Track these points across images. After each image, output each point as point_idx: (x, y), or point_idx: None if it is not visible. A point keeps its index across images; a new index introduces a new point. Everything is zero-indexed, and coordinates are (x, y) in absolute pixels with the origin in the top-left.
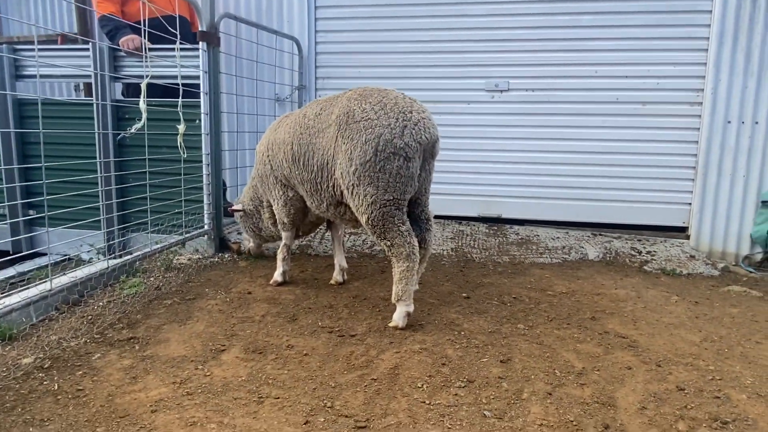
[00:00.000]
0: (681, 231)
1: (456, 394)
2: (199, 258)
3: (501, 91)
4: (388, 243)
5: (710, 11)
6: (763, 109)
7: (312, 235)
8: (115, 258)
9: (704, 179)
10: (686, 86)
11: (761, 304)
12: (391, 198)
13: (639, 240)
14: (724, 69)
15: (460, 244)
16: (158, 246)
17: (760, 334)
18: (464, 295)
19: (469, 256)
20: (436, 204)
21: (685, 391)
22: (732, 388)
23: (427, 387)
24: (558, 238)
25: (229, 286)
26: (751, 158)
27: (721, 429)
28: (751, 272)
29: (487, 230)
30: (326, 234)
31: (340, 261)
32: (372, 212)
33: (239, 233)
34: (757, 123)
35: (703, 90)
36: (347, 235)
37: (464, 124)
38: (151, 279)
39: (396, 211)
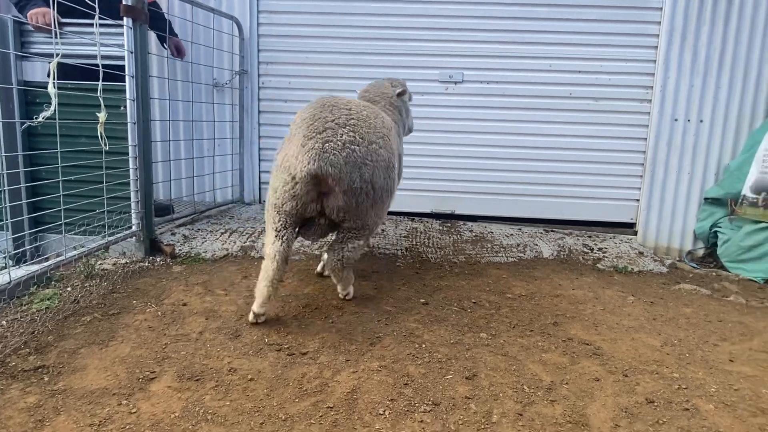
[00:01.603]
0: (629, 227)
1: (422, 421)
2: (127, 263)
3: (455, 82)
4: None
5: (661, 8)
6: (707, 108)
7: (256, 235)
8: (19, 267)
9: (652, 176)
10: (637, 83)
11: (711, 303)
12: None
13: (590, 236)
14: (673, 67)
15: (414, 242)
16: (76, 252)
17: (716, 336)
18: (422, 300)
19: (424, 255)
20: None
21: (655, 404)
22: (699, 397)
23: (389, 413)
24: (512, 235)
25: (160, 297)
26: (696, 156)
27: None
28: (695, 268)
29: (440, 227)
30: None
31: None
32: None
33: (173, 233)
34: (702, 121)
35: (652, 87)
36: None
37: (418, 116)
38: (68, 289)
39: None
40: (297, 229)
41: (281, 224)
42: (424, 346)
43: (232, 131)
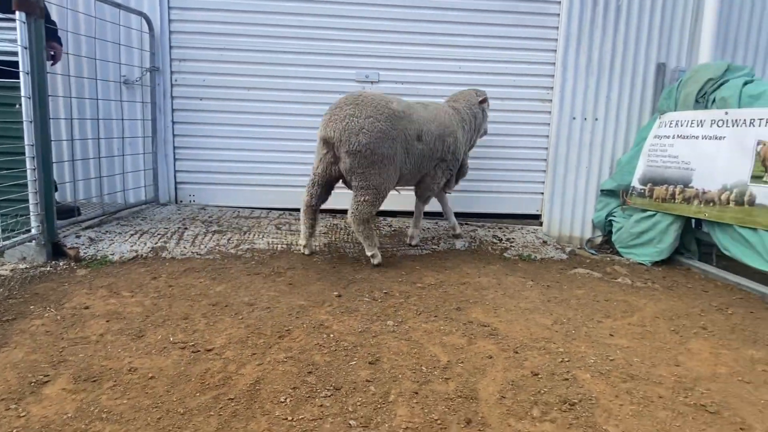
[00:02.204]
0: (535, 218)
1: (321, 405)
2: (26, 268)
3: (372, 82)
4: None
5: (558, 14)
6: (602, 107)
7: (168, 236)
8: None
9: (554, 171)
10: (539, 84)
11: (601, 285)
12: None
13: (500, 228)
14: (570, 69)
15: (333, 239)
16: None
17: (600, 314)
18: (336, 293)
19: (342, 250)
20: None
21: (539, 376)
22: (578, 368)
23: (290, 401)
24: (428, 228)
25: (61, 301)
26: (593, 151)
27: (569, 410)
28: (593, 254)
29: None
30: (184, 235)
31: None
32: None
33: (78, 236)
34: (597, 119)
35: (553, 88)
36: (211, 234)
37: None
38: None
39: None
40: (325, 191)
41: (310, 182)
42: (332, 335)
43: (144, 130)
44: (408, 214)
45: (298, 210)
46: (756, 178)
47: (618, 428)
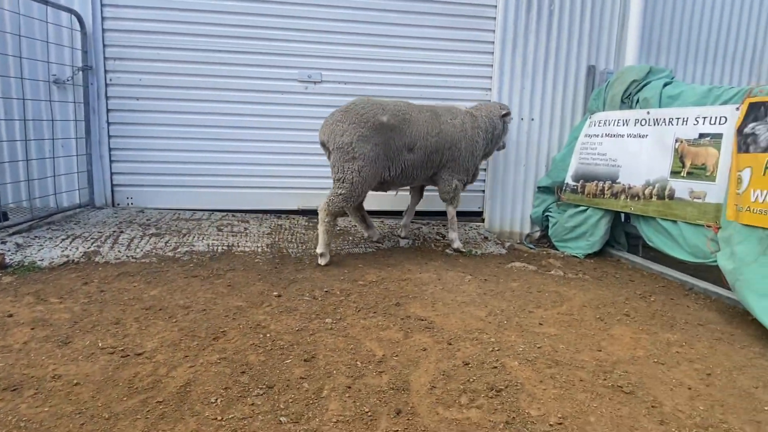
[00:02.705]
0: (478, 215)
1: (253, 404)
2: None
3: (314, 82)
4: None
5: (495, 18)
6: (537, 108)
7: (103, 240)
8: None
9: (494, 169)
10: (478, 85)
11: (536, 277)
12: None
13: (444, 225)
14: (507, 71)
15: (276, 239)
16: None
17: (533, 304)
18: (275, 293)
19: (285, 251)
20: (255, 198)
21: (470, 365)
22: (507, 356)
23: (221, 401)
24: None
25: None
26: (530, 150)
27: (495, 396)
28: (531, 248)
29: (307, 223)
30: (119, 239)
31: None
32: None
33: (3, 242)
34: (533, 119)
35: (491, 89)
36: (148, 237)
37: (279, 114)
38: None
39: None
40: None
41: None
42: (269, 335)
43: (77, 131)
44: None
45: (242, 211)
46: (675, 173)
47: (540, 411)
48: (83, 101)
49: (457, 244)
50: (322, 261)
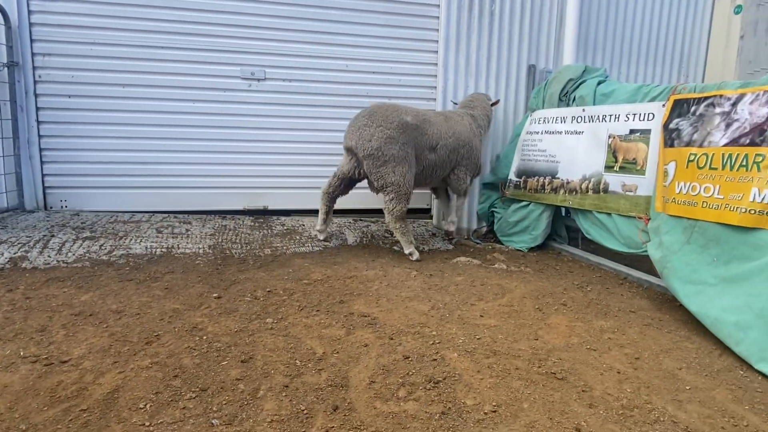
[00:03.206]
0: (426, 212)
1: (184, 408)
2: None
3: (258, 79)
4: None
5: (438, 17)
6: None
7: (31, 245)
8: None
9: None
10: (424, 83)
11: (480, 271)
12: None
13: None
14: (451, 69)
15: (220, 240)
16: None
17: (475, 297)
18: (215, 295)
19: (228, 252)
20: (198, 199)
21: (410, 359)
22: (447, 349)
23: (150, 407)
24: None
25: None
26: None
27: (433, 388)
28: (477, 243)
29: (252, 223)
30: (49, 243)
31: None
32: None
33: None
34: None
35: (436, 87)
36: (81, 241)
37: (222, 112)
38: None
39: None
40: (345, 186)
41: (334, 173)
42: (205, 338)
43: (2, 130)
44: (304, 212)
45: (184, 212)
46: (608, 168)
47: (475, 400)
48: (9, 99)
49: (452, 228)
50: (414, 257)
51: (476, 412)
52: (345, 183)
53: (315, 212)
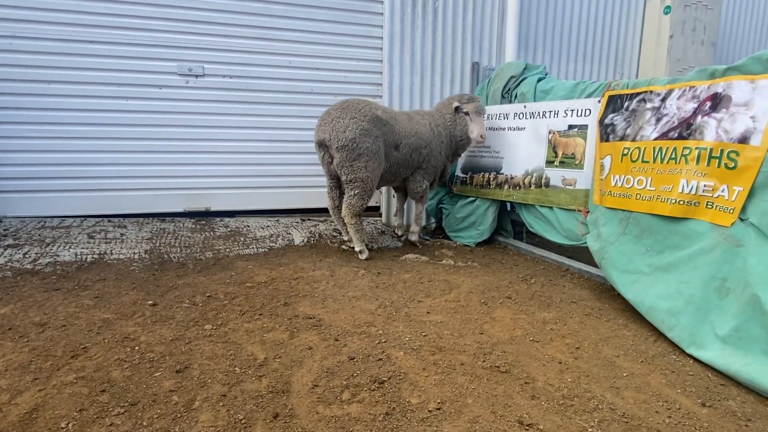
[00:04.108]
0: (376, 210)
1: (111, 424)
2: None
3: (196, 76)
4: None
5: (382, 14)
6: (426, 103)
7: None
8: None
9: None
10: (369, 80)
11: (428, 267)
12: None
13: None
14: (396, 66)
15: (157, 244)
16: None
17: (422, 294)
18: (150, 302)
19: (166, 256)
20: (135, 201)
21: (355, 360)
22: (394, 347)
23: (73, 425)
24: (268, 226)
25: None
26: None
27: (378, 389)
28: (426, 240)
29: (193, 225)
30: None
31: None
32: None
33: None
34: None
35: (382, 84)
36: (2, 249)
37: (158, 110)
38: None
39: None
40: (339, 187)
41: (327, 187)
42: (137, 348)
43: None
44: (249, 213)
45: (120, 216)
46: (549, 162)
47: (420, 398)
48: None
49: (414, 238)
50: (363, 256)
51: (420, 411)
52: (339, 183)
53: (260, 212)
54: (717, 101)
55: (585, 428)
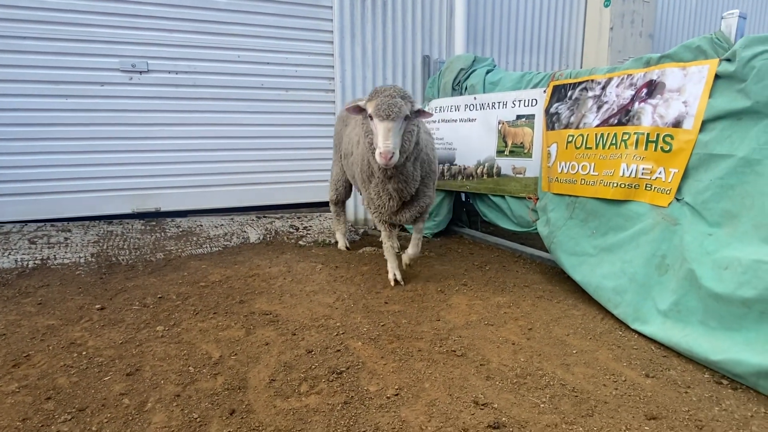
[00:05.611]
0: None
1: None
2: None
3: (140, 72)
4: None
5: (331, 6)
6: None
7: None
8: None
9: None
10: (320, 74)
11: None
12: None
13: (299, 218)
14: (347, 60)
15: (105, 247)
16: None
17: (380, 285)
18: (98, 306)
19: (115, 259)
20: (79, 204)
21: (313, 353)
22: (352, 338)
23: None
24: (222, 225)
25: None
26: None
27: (336, 379)
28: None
29: (143, 227)
30: None
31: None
32: None
33: None
34: None
35: (334, 78)
36: None
37: (100, 108)
38: None
39: None
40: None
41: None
42: (85, 353)
43: None
44: (202, 212)
45: (63, 219)
46: (500, 152)
47: (378, 386)
48: None
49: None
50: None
51: (379, 398)
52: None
53: (213, 211)
54: (652, 88)
55: (537, 404)
